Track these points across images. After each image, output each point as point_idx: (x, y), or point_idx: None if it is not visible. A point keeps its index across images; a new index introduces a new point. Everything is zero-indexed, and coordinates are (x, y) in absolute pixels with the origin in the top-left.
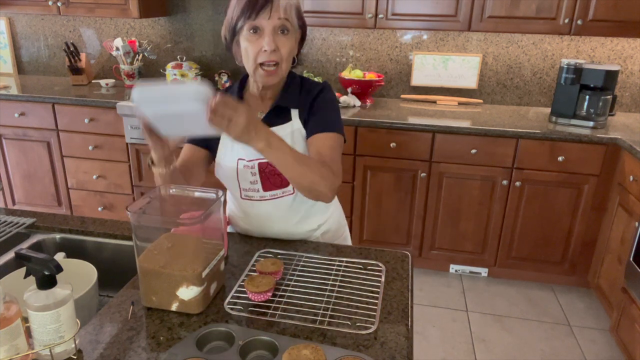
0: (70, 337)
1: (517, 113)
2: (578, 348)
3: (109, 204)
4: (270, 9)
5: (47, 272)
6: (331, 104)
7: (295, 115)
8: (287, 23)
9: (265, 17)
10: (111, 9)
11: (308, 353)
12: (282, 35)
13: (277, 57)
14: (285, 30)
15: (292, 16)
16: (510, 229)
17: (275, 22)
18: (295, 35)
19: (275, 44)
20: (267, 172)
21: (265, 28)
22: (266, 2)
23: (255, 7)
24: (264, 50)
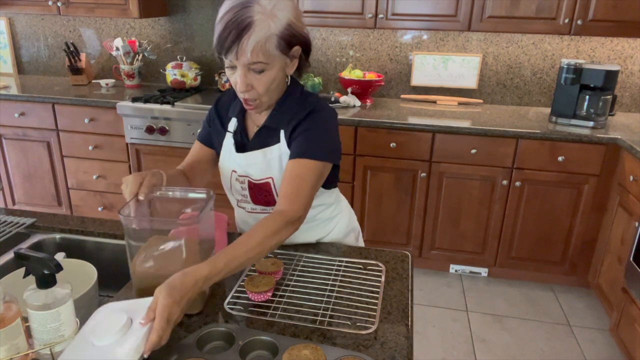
0: (70, 335)
1: (517, 113)
2: (578, 348)
3: (109, 204)
4: (236, 52)
5: (47, 271)
6: (315, 128)
7: (282, 136)
8: (258, 64)
9: (233, 57)
10: (111, 9)
11: (308, 353)
12: (255, 73)
13: (253, 95)
14: (259, 70)
15: (267, 52)
16: (510, 229)
17: (245, 62)
18: (279, 64)
19: (248, 83)
20: (256, 191)
21: (238, 65)
22: (233, 42)
23: (223, 46)
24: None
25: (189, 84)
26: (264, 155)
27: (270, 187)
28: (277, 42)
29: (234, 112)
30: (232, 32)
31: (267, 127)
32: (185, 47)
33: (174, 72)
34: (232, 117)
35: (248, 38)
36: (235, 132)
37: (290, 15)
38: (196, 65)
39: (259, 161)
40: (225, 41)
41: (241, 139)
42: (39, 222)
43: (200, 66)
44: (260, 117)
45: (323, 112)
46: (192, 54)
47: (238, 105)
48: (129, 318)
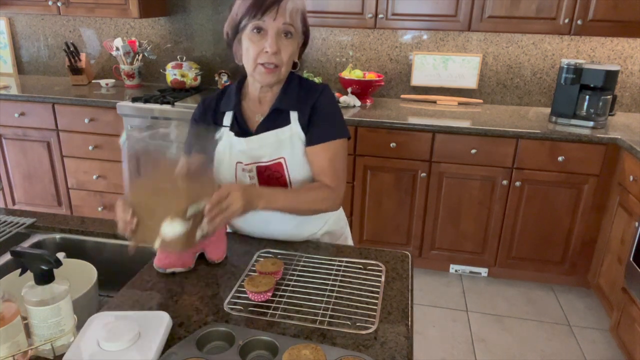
0: (70, 330)
1: (517, 113)
2: (578, 348)
3: (109, 204)
4: (276, 11)
5: (45, 267)
6: (331, 108)
7: (294, 118)
8: (291, 27)
9: (270, 19)
10: (111, 9)
11: (308, 353)
12: (285, 38)
13: (278, 60)
14: (289, 34)
15: (297, 21)
16: (510, 229)
17: (279, 24)
18: (298, 40)
19: (278, 47)
20: (266, 176)
21: (269, 29)
22: (273, 3)
23: (261, 7)
24: (265, 51)
25: (189, 84)
26: (275, 135)
27: (282, 168)
28: (301, 17)
29: (229, 105)
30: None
31: (277, 109)
32: (185, 47)
33: (174, 72)
34: (226, 111)
35: (287, 2)
36: (233, 124)
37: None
38: (196, 65)
39: (271, 142)
40: (265, 2)
41: (242, 129)
42: (39, 222)
43: (200, 66)
44: (261, 105)
45: (329, 95)
46: (192, 54)
47: (232, 98)
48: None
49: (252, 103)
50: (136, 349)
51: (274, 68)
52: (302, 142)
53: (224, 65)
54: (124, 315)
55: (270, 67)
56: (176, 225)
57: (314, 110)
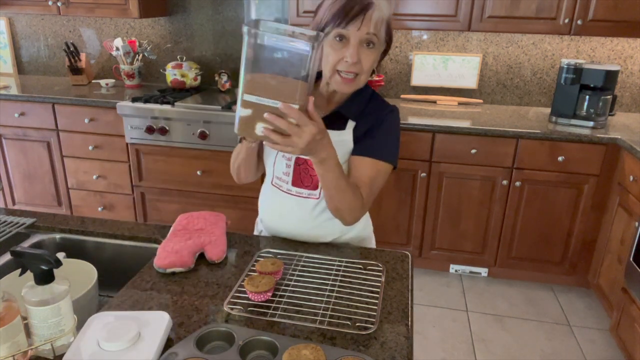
0: (70, 330)
1: (517, 113)
2: (578, 348)
3: (109, 204)
4: (361, 21)
5: (45, 267)
6: (394, 130)
7: (350, 126)
8: (375, 37)
9: (355, 28)
10: (111, 9)
11: (308, 353)
12: (366, 48)
13: (358, 69)
14: (371, 44)
15: (381, 31)
16: (510, 229)
17: (363, 34)
18: (380, 48)
19: (358, 57)
20: (302, 169)
21: (352, 38)
22: (359, 12)
23: (347, 16)
24: (346, 60)
25: (189, 84)
26: None
27: None
28: (385, 27)
29: None
30: (358, 5)
31: (338, 112)
32: (185, 47)
33: (174, 72)
34: None
35: (372, 12)
36: None
37: (391, 11)
38: (196, 65)
39: None
40: (351, 11)
41: None
42: (39, 222)
43: (200, 66)
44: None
45: (397, 118)
46: (192, 54)
47: None
48: (138, 331)
49: (321, 99)
50: (136, 349)
51: (353, 78)
52: (348, 151)
53: (224, 65)
54: (124, 315)
55: (349, 76)
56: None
57: (378, 123)
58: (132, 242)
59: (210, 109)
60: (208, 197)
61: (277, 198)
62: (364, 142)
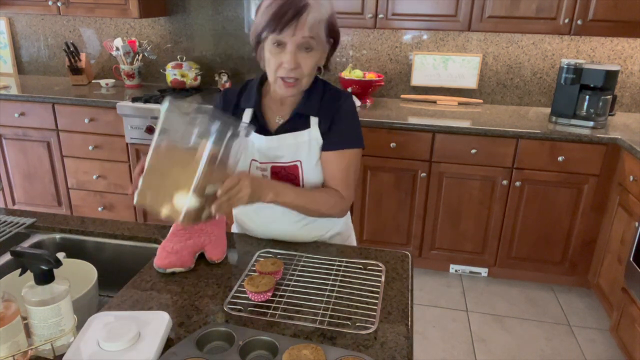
0: (70, 330)
1: (517, 113)
2: (578, 348)
3: (109, 204)
4: (295, 26)
5: (45, 267)
6: (351, 116)
7: (314, 123)
8: (312, 41)
9: (289, 34)
10: (111, 9)
11: (308, 353)
12: (305, 52)
13: (298, 74)
14: (309, 48)
15: (319, 32)
16: (510, 229)
17: (298, 39)
18: (322, 48)
19: (297, 62)
20: (280, 176)
21: (288, 44)
22: (292, 18)
23: (280, 22)
24: (284, 66)
25: (189, 84)
26: (294, 138)
27: (298, 171)
28: (325, 27)
29: (249, 102)
30: (291, 9)
31: (298, 113)
32: (185, 47)
33: (174, 72)
34: (246, 107)
35: (307, 15)
36: (252, 121)
37: (332, 7)
38: (196, 65)
39: (290, 144)
40: (283, 17)
41: (261, 126)
42: (39, 222)
43: (200, 66)
44: (282, 107)
45: (351, 104)
46: (192, 54)
47: (253, 95)
48: (138, 331)
49: (273, 103)
50: (136, 349)
51: (293, 82)
52: (319, 147)
53: (224, 65)
54: (124, 315)
55: (290, 81)
56: (192, 199)
57: (335, 116)
58: (132, 242)
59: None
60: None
61: (259, 209)
62: (328, 137)
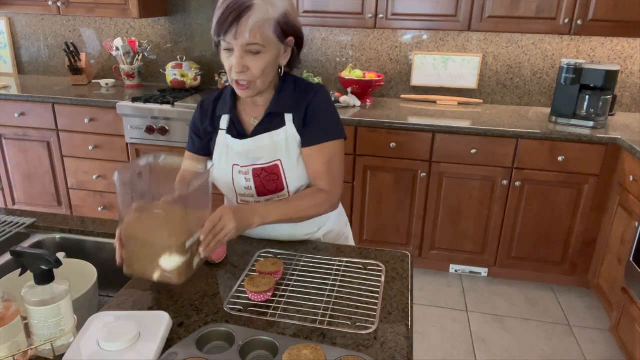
0: (70, 330)
1: (517, 113)
2: (578, 348)
3: (109, 204)
4: (235, 31)
5: (45, 267)
6: (326, 109)
7: (289, 119)
8: (256, 46)
9: (232, 38)
10: (111, 9)
11: (308, 353)
12: (252, 55)
13: (248, 77)
14: (255, 51)
15: (264, 35)
16: (510, 229)
17: (242, 44)
18: (274, 49)
19: (244, 65)
20: (262, 178)
21: (235, 48)
22: (232, 22)
23: (222, 26)
24: (233, 69)
25: (189, 84)
26: (270, 138)
27: (279, 170)
28: (274, 27)
29: (224, 109)
30: (233, 13)
31: (271, 113)
32: (185, 47)
33: (174, 72)
34: (222, 114)
35: (247, 19)
36: (229, 127)
37: (287, 4)
38: (196, 65)
39: (267, 144)
40: (225, 22)
41: (238, 131)
42: (39, 222)
43: (200, 66)
44: (256, 108)
45: (324, 96)
46: (192, 54)
47: (227, 101)
48: (139, 331)
49: (248, 106)
50: (136, 349)
51: (246, 84)
52: (298, 144)
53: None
54: (124, 315)
55: (242, 83)
56: (175, 258)
57: (308, 111)
58: None
59: None
60: None
61: None
62: (306, 132)
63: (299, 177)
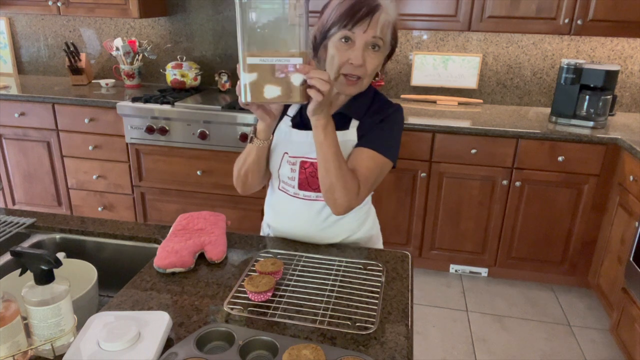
0: (70, 330)
1: (517, 113)
2: (578, 348)
3: (109, 204)
4: (368, 23)
5: (45, 267)
6: (396, 127)
7: (354, 126)
8: (381, 41)
9: (361, 30)
10: (111, 9)
11: (308, 353)
12: (372, 51)
13: (361, 72)
14: (377, 47)
15: (387, 34)
16: (510, 229)
17: (369, 37)
18: (385, 52)
19: (363, 59)
20: (308, 172)
21: (357, 40)
22: (367, 14)
23: (354, 18)
24: (350, 62)
25: (189, 84)
26: None
27: None
28: (391, 30)
29: None
30: (365, 7)
31: (341, 113)
32: (185, 47)
33: (174, 72)
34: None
35: (379, 15)
36: (295, 116)
37: (397, 14)
38: (196, 65)
39: None
40: (358, 13)
41: (302, 121)
42: (39, 222)
43: (200, 66)
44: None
45: (399, 116)
46: (192, 54)
47: None
48: (139, 331)
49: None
50: (136, 349)
51: (356, 80)
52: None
53: (224, 65)
54: (124, 315)
55: (352, 79)
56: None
57: (384, 120)
58: (132, 242)
59: (210, 109)
60: (208, 197)
61: (285, 202)
62: (370, 135)
63: None
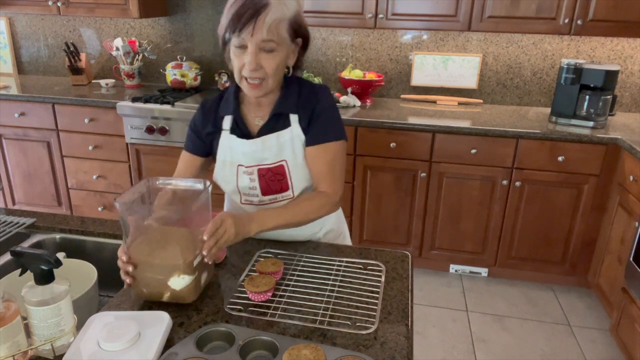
0: (70, 330)
1: (517, 113)
2: (578, 348)
3: (109, 204)
4: (253, 27)
5: (45, 267)
6: (330, 110)
7: (294, 120)
8: (271, 43)
9: (248, 34)
10: (111, 9)
11: (308, 353)
12: (266, 53)
13: (261, 75)
14: (271, 49)
15: (279, 33)
16: (510, 229)
17: (257, 41)
18: (286, 49)
19: (258, 62)
20: (267, 178)
21: (249, 45)
22: (250, 19)
23: (239, 22)
24: (246, 67)
25: (189, 84)
26: (277, 138)
27: (285, 170)
28: (287, 27)
29: (228, 109)
30: (250, 10)
31: (277, 114)
32: (185, 47)
33: (174, 72)
34: (225, 115)
35: (265, 16)
36: (233, 128)
37: (297, 6)
38: (196, 65)
39: (273, 144)
40: (242, 17)
41: (243, 132)
42: (39, 222)
43: (200, 66)
44: (260, 108)
45: (328, 97)
46: (192, 54)
47: (231, 102)
48: (139, 331)
49: (252, 106)
50: (136, 349)
51: (258, 83)
52: (303, 144)
53: (224, 65)
54: (124, 315)
55: (255, 82)
56: (185, 277)
57: (314, 112)
58: None
59: None
60: None
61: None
62: (311, 131)
63: (304, 178)
